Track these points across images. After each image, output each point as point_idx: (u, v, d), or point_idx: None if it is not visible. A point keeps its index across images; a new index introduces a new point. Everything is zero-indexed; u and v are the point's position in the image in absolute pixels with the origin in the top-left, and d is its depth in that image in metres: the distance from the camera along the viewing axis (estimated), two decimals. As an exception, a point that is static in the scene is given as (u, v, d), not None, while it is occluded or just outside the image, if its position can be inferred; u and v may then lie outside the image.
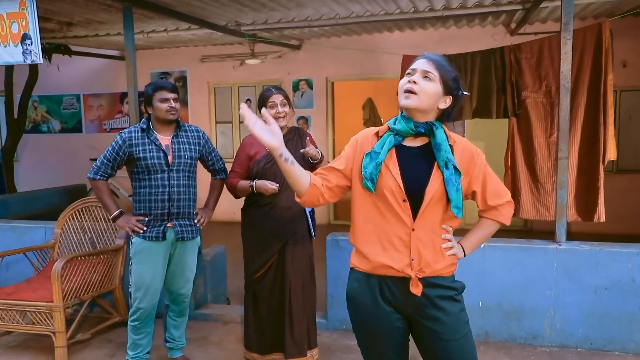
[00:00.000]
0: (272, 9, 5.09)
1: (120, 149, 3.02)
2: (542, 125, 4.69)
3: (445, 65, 1.83)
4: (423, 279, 1.82)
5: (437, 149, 1.80)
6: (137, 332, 3.13)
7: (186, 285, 3.23)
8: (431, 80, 1.79)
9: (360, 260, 1.91)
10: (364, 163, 1.83)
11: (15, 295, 3.48)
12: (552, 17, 6.07)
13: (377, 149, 1.83)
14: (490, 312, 3.47)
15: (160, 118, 3.04)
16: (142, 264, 3.04)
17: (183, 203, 3.10)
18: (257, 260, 3.10)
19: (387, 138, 1.84)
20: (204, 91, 8.36)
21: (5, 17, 3.78)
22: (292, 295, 3.07)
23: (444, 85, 1.80)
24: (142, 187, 3.04)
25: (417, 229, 1.81)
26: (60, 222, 4.11)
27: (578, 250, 3.33)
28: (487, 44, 5.12)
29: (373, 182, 1.80)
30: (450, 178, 1.78)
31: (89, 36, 6.25)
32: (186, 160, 3.10)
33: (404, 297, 1.84)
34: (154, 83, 3.10)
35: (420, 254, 1.81)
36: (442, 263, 1.85)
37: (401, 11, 5.30)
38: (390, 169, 1.81)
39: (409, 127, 1.81)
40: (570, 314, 3.35)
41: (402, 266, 1.81)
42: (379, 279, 1.86)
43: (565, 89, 3.31)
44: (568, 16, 3.27)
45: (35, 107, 9.19)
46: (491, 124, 6.09)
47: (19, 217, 5.83)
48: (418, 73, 1.79)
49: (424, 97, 1.78)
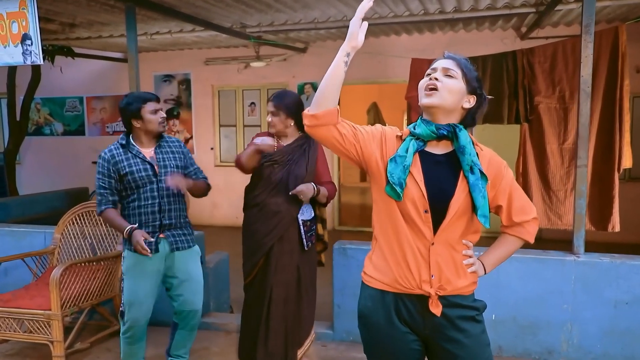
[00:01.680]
0: (278, 10, 4.99)
1: (110, 170, 2.86)
2: (556, 132, 4.57)
3: (468, 63, 1.73)
4: (443, 297, 1.68)
5: (462, 152, 1.67)
6: (131, 345, 3.03)
7: (196, 298, 3.05)
8: (453, 77, 1.69)
9: (374, 274, 1.76)
10: (390, 169, 1.67)
11: (13, 302, 3.37)
12: (564, 20, 5.95)
13: (401, 152, 1.68)
14: (505, 326, 3.33)
15: (151, 131, 2.92)
16: (134, 279, 2.90)
17: (175, 213, 2.97)
18: (247, 264, 3.03)
19: (410, 142, 1.70)
20: (208, 94, 8.26)
21: (6, 17, 3.69)
22: (272, 306, 2.94)
23: (467, 83, 1.70)
24: (131, 201, 2.90)
25: (437, 243, 1.68)
26: (60, 226, 4.00)
27: (597, 262, 3.19)
28: (496, 49, 5.00)
29: (402, 187, 1.64)
30: (477, 183, 1.65)
31: (92, 38, 6.16)
32: (172, 169, 2.96)
33: (422, 317, 1.70)
34: (139, 95, 2.95)
35: (441, 270, 1.68)
36: (463, 280, 1.72)
37: (410, 13, 5.20)
38: (415, 176, 1.67)
39: (430, 130, 1.68)
40: (588, 329, 3.21)
41: (420, 282, 1.67)
42: (395, 296, 1.72)
43: (586, 93, 3.19)
44: (589, 18, 3.15)
45: (38, 109, 9.11)
46: (500, 130, 5.95)
47: (20, 220, 5.74)
48: (439, 71, 1.70)
49: (446, 94, 1.67)
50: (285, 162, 2.93)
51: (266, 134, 3.05)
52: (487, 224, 1.66)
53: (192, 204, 9.00)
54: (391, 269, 1.71)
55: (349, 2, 4.77)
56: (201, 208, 8.28)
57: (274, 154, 2.94)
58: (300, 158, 2.96)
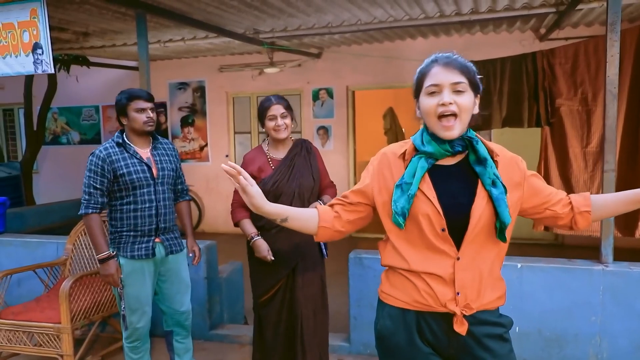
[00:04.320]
0: (291, 15, 4.91)
1: (104, 170, 2.75)
2: (578, 135, 4.42)
3: (464, 62, 1.55)
4: (469, 315, 1.55)
5: (483, 164, 1.53)
6: (137, 351, 2.98)
7: (185, 301, 3.08)
8: (464, 91, 1.50)
9: (394, 291, 1.62)
10: (395, 197, 1.54)
11: (23, 315, 3.32)
12: (584, 21, 5.78)
13: (407, 178, 1.54)
14: (529, 339, 3.18)
15: (136, 130, 2.85)
16: (134, 285, 2.85)
17: (169, 217, 2.95)
18: (262, 285, 2.88)
19: (418, 163, 1.55)
20: (223, 101, 8.22)
21: (17, 26, 3.67)
22: (304, 321, 2.84)
23: (474, 88, 1.54)
24: (126, 203, 2.81)
25: (463, 257, 1.54)
26: (72, 237, 3.95)
27: (628, 272, 3.03)
28: (514, 51, 4.87)
29: (405, 216, 1.53)
30: (501, 197, 1.51)
31: (106, 47, 6.15)
32: (170, 172, 2.95)
33: (447, 336, 1.57)
34: (128, 91, 2.88)
35: (467, 286, 1.54)
36: (490, 295, 1.59)
37: (426, 16, 5.08)
38: (426, 193, 1.53)
39: (444, 149, 1.54)
40: (618, 342, 3.04)
41: (445, 300, 1.53)
42: (417, 314, 1.58)
43: (612, 94, 3.04)
44: (615, 15, 3.00)
45: (55, 118, 9.17)
46: (520, 133, 5.80)
47: (36, 230, 5.75)
48: (447, 89, 1.49)
49: (465, 117, 1.51)
50: (289, 177, 2.80)
51: (257, 150, 2.91)
52: (504, 238, 1.54)
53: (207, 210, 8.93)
54: (411, 287, 1.58)
55: (363, 6, 4.68)
56: (216, 215, 8.24)
57: (275, 174, 2.80)
58: (303, 168, 2.85)
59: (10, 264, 4.06)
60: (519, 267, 3.16)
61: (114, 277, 2.79)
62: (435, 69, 1.53)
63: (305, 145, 2.92)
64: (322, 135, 7.71)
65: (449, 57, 1.54)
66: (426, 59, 1.59)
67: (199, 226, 8.27)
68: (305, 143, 2.94)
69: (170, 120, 8.46)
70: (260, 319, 2.93)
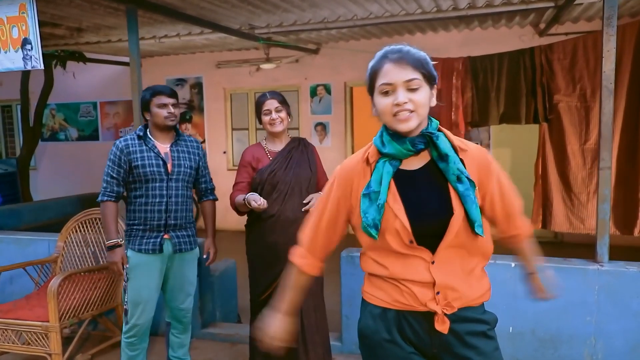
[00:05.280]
0: (286, 10, 4.85)
1: (120, 160, 2.84)
2: (577, 131, 4.35)
3: (417, 55, 1.46)
4: (451, 313, 1.50)
5: (445, 161, 1.46)
6: (133, 348, 2.96)
7: (187, 299, 3.05)
8: (419, 87, 1.43)
9: (375, 291, 1.59)
10: (363, 207, 1.49)
11: (12, 313, 3.29)
12: (584, 16, 5.70)
13: (374, 186, 1.48)
14: (523, 339, 3.13)
15: (158, 124, 2.88)
16: (138, 279, 2.86)
17: (181, 214, 2.91)
18: (262, 281, 2.84)
19: (383, 168, 1.49)
20: (220, 97, 8.17)
21: (6, 21, 3.62)
22: (304, 318, 2.81)
23: (429, 80, 1.46)
24: (138, 196, 2.86)
25: (438, 261, 1.49)
26: (64, 234, 3.92)
27: (623, 272, 2.97)
28: (514, 46, 4.79)
29: (377, 228, 1.47)
30: (468, 193, 1.45)
31: (101, 42, 6.11)
32: (186, 170, 2.93)
33: (429, 335, 1.53)
34: (152, 88, 2.92)
35: (446, 285, 1.50)
36: (472, 292, 1.54)
37: (423, 11, 5.01)
38: (391, 205, 1.47)
39: (405, 149, 1.47)
40: (614, 343, 2.99)
41: (425, 300, 1.50)
42: (397, 314, 1.55)
43: (608, 90, 2.98)
44: (611, 9, 2.93)
45: (53, 115, 9.14)
46: (519, 130, 5.73)
47: (31, 226, 5.72)
48: (400, 87, 1.43)
49: (423, 112, 1.45)
50: (286, 166, 2.81)
51: (256, 145, 2.95)
52: (481, 232, 1.47)
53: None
54: (392, 288, 1.54)
55: (358, 1, 4.62)
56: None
57: (272, 164, 2.83)
58: (301, 159, 2.87)
59: (2, 261, 4.03)
60: (512, 266, 3.11)
61: (117, 265, 2.86)
62: (387, 65, 1.45)
63: (303, 142, 2.97)
64: (319, 131, 7.65)
65: (400, 51, 1.46)
66: (377, 53, 1.52)
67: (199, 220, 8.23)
68: (303, 140, 2.99)
69: (168, 116, 8.41)
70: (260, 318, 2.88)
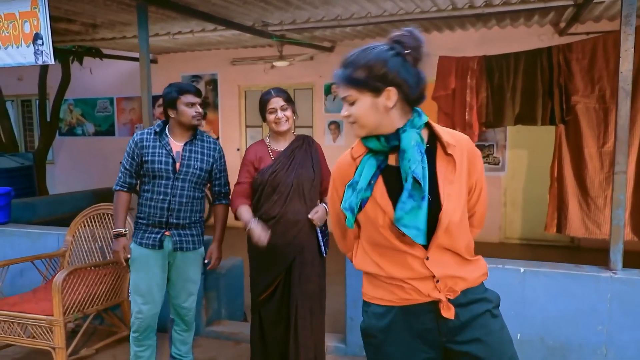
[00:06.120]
0: (298, 7, 4.81)
1: (134, 153, 2.88)
2: (594, 134, 4.23)
3: (349, 71, 1.48)
4: (454, 298, 1.53)
5: (401, 157, 1.47)
6: (138, 343, 2.96)
7: (189, 298, 3.03)
8: (353, 101, 1.49)
9: (376, 292, 1.59)
10: (345, 196, 1.54)
11: (18, 306, 3.31)
12: (606, 15, 5.54)
13: (357, 177, 1.53)
14: (531, 347, 3.04)
15: (184, 123, 2.86)
16: (138, 271, 2.89)
17: (184, 214, 2.88)
18: (261, 281, 2.80)
19: (367, 161, 1.54)
20: (235, 94, 8.17)
21: (18, 16, 3.65)
22: (299, 320, 2.76)
23: (366, 89, 1.46)
24: (146, 191, 2.89)
25: (432, 255, 1.51)
26: (72, 229, 3.94)
27: (637, 280, 2.86)
28: (533, 46, 4.67)
29: (353, 212, 1.51)
30: (412, 194, 1.44)
31: (117, 38, 6.14)
32: (195, 171, 2.89)
33: (436, 324, 1.54)
34: (179, 85, 2.90)
35: (445, 274, 1.52)
36: (473, 273, 1.56)
37: (438, 9, 4.92)
38: (379, 202, 1.51)
39: (381, 145, 1.51)
40: (626, 354, 2.88)
41: (427, 290, 1.52)
42: (401, 309, 1.55)
43: (625, 91, 2.87)
44: (630, 7, 2.82)
45: (71, 110, 9.26)
46: (535, 131, 5.61)
47: (46, 220, 5.77)
48: (343, 103, 1.53)
49: (362, 122, 1.49)
50: (288, 167, 2.75)
51: (259, 142, 2.89)
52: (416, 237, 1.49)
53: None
54: (393, 287, 1.56)
55: (372, -2, 4.56)
56: (227, 210, 8.20)
57: (274, 164, 2.76)
58: (304, 159, 2.80)
59: (14, 254, 4.08)
60: (521, 271, 3.02)
61: (118, 254, 2.90)
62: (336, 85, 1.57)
63: (307, 140, 2.89)
64: (333, 130, 7.60)
65: (337, 73, 1.52)
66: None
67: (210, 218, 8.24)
68: (307, 138, 2.91)
69: (183, 113, 8.45)
70: (262, 319, 2.85)
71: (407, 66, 1.44)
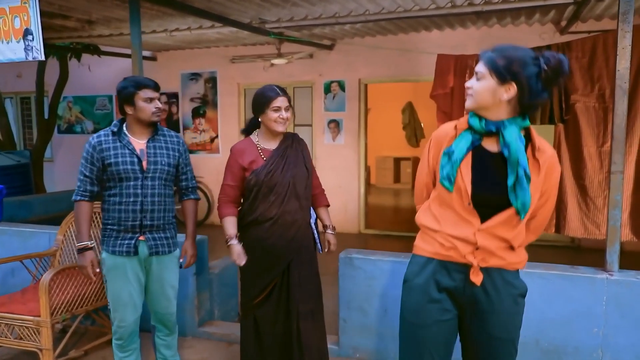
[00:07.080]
0: (295, 4, 4.76)
1: (93, 157, 2.69)
2: (594, 133, 4.17)
3: (494, 55, 1.75)
4: (485, 269, 1.81)
5: (507, 149, 1.73)
6: (123, 350, 2.87)
7: (170, 304, 2.92)
8: (481, 78, 1.77)
9: (423, 244, 1.92)
10: (442, 162, 1.84)
11: (6, 307, 3.27)
12: (608, 13, 5.47)
13: (453, 147, 1.82)
14: (526, 349, 2.98)
15: (143, 120, 2.71)
16: (116, 281, 2.74)
17: (157, 214, 2.75)
18: (257, 283, 2.74)
19: (464, 136, 1.82)
20: (234, 92, 8.13)
21: (8, 11, 3.61)
22: (301, 321, 2.70)
23: (497, 75, 1.73)
24: (112, 195, 2.71)
25: (484, 228, 1.79)
26: (63, 227, 3.90)
27: (634, 282, 2.80)
28: (534, 44, 4.58)
29: (451, 181, 1.80)
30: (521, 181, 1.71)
31: (114, 35, 6.09)
32: (163, 167, 2.76)
33: (463, 284, 1.83)
34: (136, 79, 2.77)
35: (486, 248, 1.79)
36: (509, 257, 1.82)
37: (437, 6, 4.85)
38: (462, 172, 1.80)
39: (480, 126, 1.79)
40: (622, 357, 2.82)
41: (465, 252, 1.80)
42: (438, 263, 1.86)
43: (622, 90, 2.81)
44: (628, 4, 2.76)
45: (69, 107, 9.22)
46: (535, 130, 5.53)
47: (42, 218, 5.73)
48: (474, 75, 1.81)
49: (477, 97, 1.78)
50: (283, 167, 2.69)
51: (246, 141, 2.78)
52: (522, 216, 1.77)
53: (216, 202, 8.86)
54: (437, 243, 1.86)
55: (369, -5, 4.50)
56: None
57: (268, 164, 2.69)
58: (296, 158, 2.75)
59: (4, 253, 4.03)
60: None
61: (87, 269, 2.72)
62: None
63: (295, 138, 2.85)
64: (333, 128, 7.55)
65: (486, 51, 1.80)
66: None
67: (209, 217, 8.20)
68: (295, 136, 2.87)
69: (182, 111, 8.41)
70: (257, 322, 2.79)
71: (538, 79, 1.69)
